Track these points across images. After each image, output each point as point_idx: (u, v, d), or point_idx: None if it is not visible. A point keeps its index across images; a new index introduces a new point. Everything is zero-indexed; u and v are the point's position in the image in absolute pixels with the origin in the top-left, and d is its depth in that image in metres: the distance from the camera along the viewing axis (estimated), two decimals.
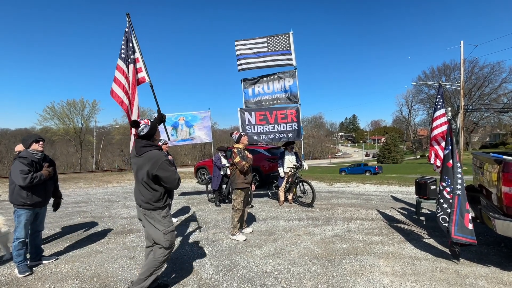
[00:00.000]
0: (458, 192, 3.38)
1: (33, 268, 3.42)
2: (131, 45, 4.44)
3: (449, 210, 3.40)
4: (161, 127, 3.96)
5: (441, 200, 3.49)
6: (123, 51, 4.47)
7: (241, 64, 7.52)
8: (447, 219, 3.38)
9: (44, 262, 3.61)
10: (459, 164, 3.49)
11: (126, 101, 4.38)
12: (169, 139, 4.57)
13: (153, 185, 2.57)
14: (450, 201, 3.42)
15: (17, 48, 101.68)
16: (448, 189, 3.47)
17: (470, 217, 3.30)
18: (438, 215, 3.50)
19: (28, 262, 3.44)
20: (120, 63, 4.47)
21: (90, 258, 3.77)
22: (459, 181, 3.41)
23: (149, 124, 2.67)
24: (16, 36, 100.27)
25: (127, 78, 4.41)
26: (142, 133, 2.63)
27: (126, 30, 4.47)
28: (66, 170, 43.06)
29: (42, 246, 3.76)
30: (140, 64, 4.36)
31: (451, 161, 3.53)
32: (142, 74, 4.36)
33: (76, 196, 9.80)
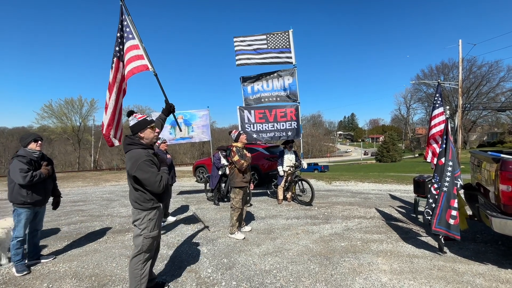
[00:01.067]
0: (445, 189, 3.51)
1: (31, 267, 3.41)
2: (119, 34, 3.83)
3: (433, 205, 3.56)
4: (170, 119, 3.74)
5: (428, 195, 3.68)
6: (116, 49, 3.86)
7: (240, 59, 7.38)
8: (431, 213, 3.56)
9: (42, 261, 3.60)
10: (450, 163, 3.56)
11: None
12: (180, 130, 4.34)
13: (135, 185, 2.45)
14: (436, 196, 3.57)
15: (15, 46, 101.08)
16: (435, 185, 3.63)
17: (453, 213, 3.41)
18: (424, 209, 3.68)
19: (26, 261, 3.43)
20: (111, 76, 3.82)
21: (88, 257, 3.76)
22: (448, 178, 3.52)
23: (139, 119, 2.52)
24: (14, 34, 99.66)
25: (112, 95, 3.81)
26: (130, 124, 2.52)
27: (119, 25, 3.85)
28: (64, 169, 42.94)
29: (40, 245, 3.75)
30: (140, 51, 3.77)
31: (443, 159, 3.64)
32: (144, 62, 3.77)
33: (74, 195, 9.77)
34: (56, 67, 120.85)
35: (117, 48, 3.86)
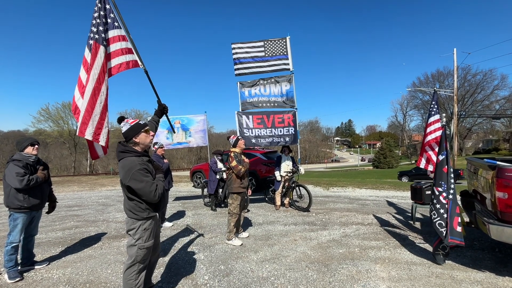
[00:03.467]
0: (451, 196, 3.49)
1: (24, 274, 3.34)
2: (96, 21, 3.28)
3: (445, 215, 3.44)
4: (164, 120, 3.51)
5: (438, 206, 3.52)
6: (93, 30, 3.26)
7: (238, 69, 7.49)
8: (443, 224, 3.42)
9: (35, 267, 3.54)
10: (452, 169, 3.56)
11: (81, 105, 3.24)
12: (174, 132, 4.06)
13: (129, 195, 2.34)
14: (446, 206, 3.47)
15: (12, 48, 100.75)
16: (444, 194, 3.52)
17: (459, 220, 3.39)
18: (434, 220, 3.50)
19: (19, 268, 3.37)
20: (86, 52, 3.32)
21: (82, 263, 3.70)
22: (452, 185, 3.51)
23: (131, 124, 2.38)
24: (11, 36, 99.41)
25: (87, 70, 3.24)
26: (122, 131, 2.38)
27: (98, 9, 3.31)
28: (60, 173, 42.47)
29: (33, 251, 3.68)
30: (129, 44, 3.38)
31: (446, 167, 3.58)
32: (134, 57, 3.40)
33: (69, 199, 9.64)
34: (53, 70, 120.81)
35: (94, 29, 3.28)
